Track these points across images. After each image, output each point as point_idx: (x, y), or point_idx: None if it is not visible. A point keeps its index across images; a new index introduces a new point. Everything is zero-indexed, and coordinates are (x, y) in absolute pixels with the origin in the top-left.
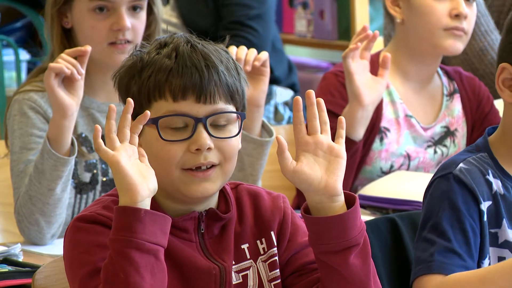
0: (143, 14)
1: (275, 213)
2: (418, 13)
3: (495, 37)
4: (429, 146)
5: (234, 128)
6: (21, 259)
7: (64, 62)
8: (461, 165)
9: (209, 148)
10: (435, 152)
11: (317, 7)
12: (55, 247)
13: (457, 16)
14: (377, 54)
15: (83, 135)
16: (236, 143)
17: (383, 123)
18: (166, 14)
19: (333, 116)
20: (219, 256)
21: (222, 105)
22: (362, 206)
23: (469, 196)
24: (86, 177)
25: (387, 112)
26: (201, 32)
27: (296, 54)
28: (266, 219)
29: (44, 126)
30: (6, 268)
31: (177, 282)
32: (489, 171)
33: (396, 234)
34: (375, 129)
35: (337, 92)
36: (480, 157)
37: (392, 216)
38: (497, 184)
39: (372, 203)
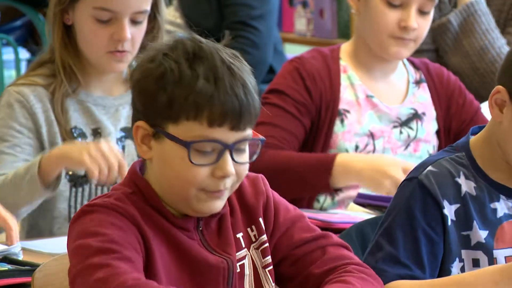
0: (144, 24)
1: (259, 198)
2: (371, 14)
3: (496, 36)
4: (395, 127)
5: (246, 149)
6: (21, 257)
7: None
8: (429, 168)
9: None
10: (401, 132)
11: (317, 6)
12: (56, 246)
13: (405, 28)
14: (338, 48)
15: (78, 128)
16: (248, 165)
17: (342, 106)
18: (169, 15)
19: (283, 95)
20: (222, 249)
21: (248, 131)
22: (362, 205)
23: (430, 202)
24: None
25: (346, 95)
26: (204, 32)
27: (296, 52)
28: (252, 206)
29: (27, 122)
30: (5, 267)
31: (186, 278)
32: (461, 173)
33: None
34: (334, 112)
35: (289, 76)
36: (455, 158)
37: None
38: (468, 186)
39: (371, 202)
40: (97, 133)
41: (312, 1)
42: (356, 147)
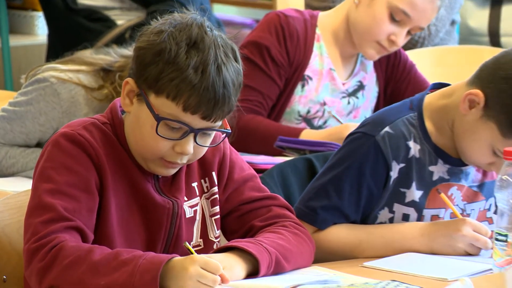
0: None
1: (215, 154)
2: (372, 14)
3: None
4: (343, 97)
5: (212, 135)
6: None
7: None
8: (387, 129)
9: None
10: (349, 103)
11: None
12: (10, 184)
13: (393, 42)
14: (317, 15)
15: None
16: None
17: (307, 72)
18: None
19: (266, 52)
20: (171, 193)
21: (217, 123)
22: (282, 148)
23: (381, 163)
24: None
25: (314, 63)
26: None
27: (224, 12)
28: (208, 161)
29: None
30: None
31: (136, 212)
32: (412, 135)
33: (312, 172)
34: (299, 76)
35: (274, 31)
36: (409, 118)
37: (309, 157)
38: (415, 149)
39: (291, 145)
40: None
41: None
42: (308, 111)
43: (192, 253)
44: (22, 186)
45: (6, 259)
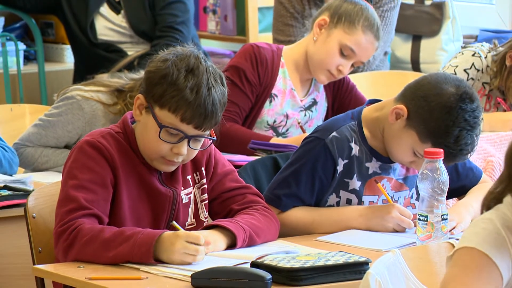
0: None
1: (204, 153)
2: (324, 48)
3: None
4: (301, 111)
5: (202, 141)
6: (31, 187)
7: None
8: (334, 133)
9: None
10: (305, 115)
11: (223, 13)
12: (44, 176)
13: (340, 71)
14: (282, 48)
15: None
16: (197, 151)
17: (274, 91)
18: (118, 20)
19: (242, 73)
20: (171, 184)
21: (207, 132)
22: (254, 149)
23: (329, 161)
24: None
25: (279, 83)
26: (143, 32)
27: (209, 45)
28: (198, 158)
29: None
30: (6, 192)
31: (144, 201)
32: (353, 139)
33: (277, 168)
34: (267, 94)
35: (248, 58)
36: (351, 125)
37: (274, 156)
38: (356, 149)
39: (261, 147)
40: None
41: (219, 9)
42: (274, 121)
43: (178, 230)
44: (53, 178)
45: (41, 235)
